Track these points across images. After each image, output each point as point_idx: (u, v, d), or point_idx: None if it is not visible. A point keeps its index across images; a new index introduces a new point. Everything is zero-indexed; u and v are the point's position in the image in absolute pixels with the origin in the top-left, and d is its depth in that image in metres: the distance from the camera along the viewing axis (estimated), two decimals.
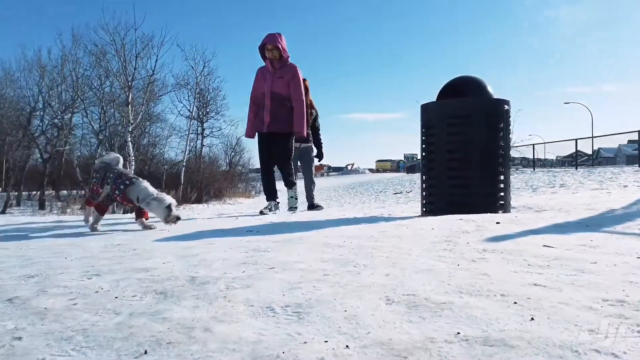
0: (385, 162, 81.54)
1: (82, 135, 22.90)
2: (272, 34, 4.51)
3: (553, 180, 9.11)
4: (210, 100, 24.58)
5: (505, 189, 3.57)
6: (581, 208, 3.56)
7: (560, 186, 7.03)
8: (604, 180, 7.51)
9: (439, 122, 3.64)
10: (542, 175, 13.20)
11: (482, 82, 3.77)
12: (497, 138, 3.55)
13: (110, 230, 3.09)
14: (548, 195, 5.69)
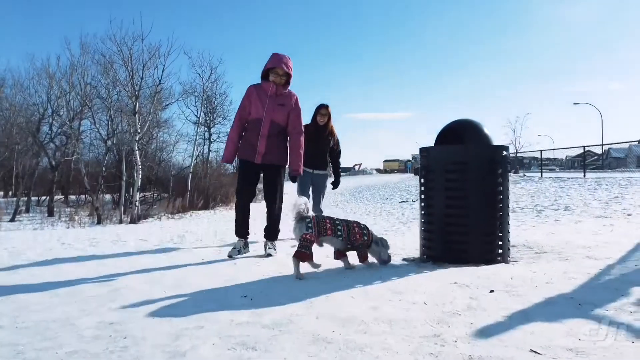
0: (393, 162, 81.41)
1: (91, 141, 23.17)
2: (283, 57, 4.14)
3: (559, 198, 9.03)
4: (217, 106, 24.73)
5: (504, 237, 3.56)
6: (580, 254, 3.54)
7: (564, 209, 6.97)
8: (609, 202, 7.44)
9: (438, 168, 3.64)
10: (549, 186, 13.10)
11: (479, 126, 3.77)
12: (495, 185, 3.55)
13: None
14: (551, 224, 5.65)
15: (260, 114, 4.14)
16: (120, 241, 6.22)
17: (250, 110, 4.20)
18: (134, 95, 16.20)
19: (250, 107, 4.20)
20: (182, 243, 5.75)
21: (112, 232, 9.31)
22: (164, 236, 6.90)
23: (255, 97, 4.17)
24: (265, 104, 4.14)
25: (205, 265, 3.72)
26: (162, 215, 17.95)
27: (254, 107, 4.17)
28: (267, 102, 4.14)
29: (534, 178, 18.47)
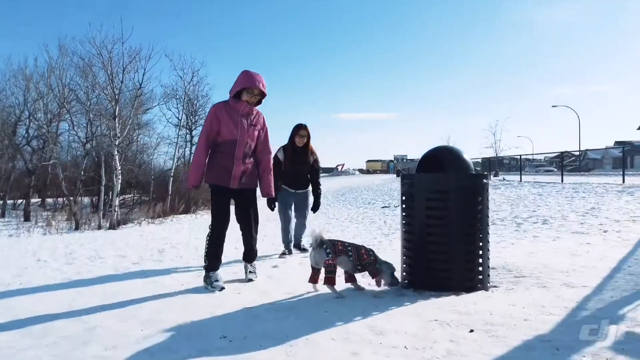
0: (376, 163, 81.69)
1: (69, 144, 22.76)
2: (257, 75, 3.90)
3: (537, 208, 9.17)
4: (199, 108, 24.51)
5: (484, 263, 3.58)
6: (558, 281, 3.59)
7: (543, 222, 7.07)
8: (586, 214, 7.57)
9: (418, 195, 3.65)
10: (528, 193, 13.29)
11: (459, 154, 3.80)
12: (475, 213, 3.57)
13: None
14: (529, 240, 5.72)
15: (235, 135, 3.87)
16: (99, 258, 6.11)
17: (221, 131, 3.88)
18: (114, 99, 15.95)
19: (220, 127, 3.87)
20: (162, 261, 5.66)
21: (91, 242, 9.14)
22: (143, 251, 6.79)
23: (227, 117, 3.86)
24: (239, 125, 3.89)
25: (184, 295, 3.66)
26: (143, 220, 17.71)
27: (226, 127, 3.87)
28: (240, 123, 3.89)
29: (513, 182, 18.72)
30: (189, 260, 5.64)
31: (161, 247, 7.41)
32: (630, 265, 3.95)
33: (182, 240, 8.84)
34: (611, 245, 4.93)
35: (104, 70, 15.96)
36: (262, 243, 6.77)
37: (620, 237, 5.40)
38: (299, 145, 5.43)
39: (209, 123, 3.91)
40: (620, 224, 6.28)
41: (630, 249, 4.71)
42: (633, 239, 5.16)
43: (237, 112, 3.89)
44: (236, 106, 3.90)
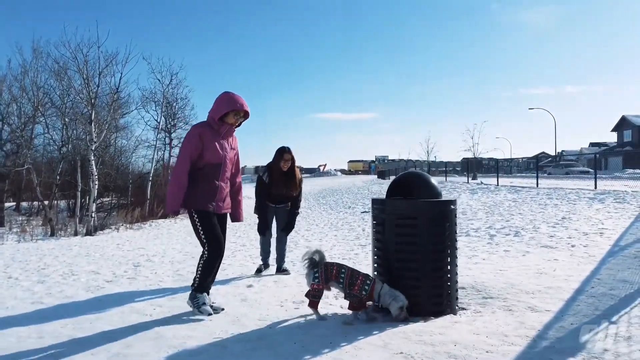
0: (358, 163, 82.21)
1: (44, 147, 22.35)
2: (239, 97, 3.80)
3: (511, 217, 9.35)
4: (178, 111, 24.34)
5: (452, 287, 3.67)
6: (523, 304, 3.70)
7: (515, 234, 7.22)
8: (557, 225, 7.76)
9: (388, 220, 3.71)
10: (504, 199, 13.52)
11: (428, 179, 3.89)
12: (443, 238, 3.65)
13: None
14: (500, 255, 5.85)
15: (219, 158, 3.78)
16: (72, 274, 6.04)
17: (204, 154, 3.73)
18: (90, 104, 15.73)
19: (204, 149, 3.72)
20: (136, 278, 5.62)
21: (65, 252, 9.00)
22: (118, 266, 6.73)
23: (211, 139, 3.73)
24: (223, 147, 3.82)
25: (156, 323, 3.64)
26: (121, 226, 17.50)
27: (210, 150, 3.72)
28: (224, 145, 3.83)
29: (490, 187, 19.02)
30: (164, 278, 5.62)
31: (137, 260, 7.36)
32: (593, 286, 4.08)
33: (159, 251, 8.79)
34: (577, 262, 5.07)
35: (80, 74, 15.73)
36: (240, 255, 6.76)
37: (587, 252, 5.56)
38: (284, 170, 5.42)
39: (192, 145, 3.71)
40: (588, 237, 6.46)
41: (594, 266, 4.86)
42: (598, 255, 5.32)
43: (220, 134, 3.80)
44: (221, 128, 3.80)
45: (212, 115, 3.80)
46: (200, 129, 3.76)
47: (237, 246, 9.09)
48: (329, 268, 3.60)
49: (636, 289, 3.87)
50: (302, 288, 4.68)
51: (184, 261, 7.07)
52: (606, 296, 3.73)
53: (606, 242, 5.99)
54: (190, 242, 10.87)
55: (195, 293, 3.85)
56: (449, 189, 20.32)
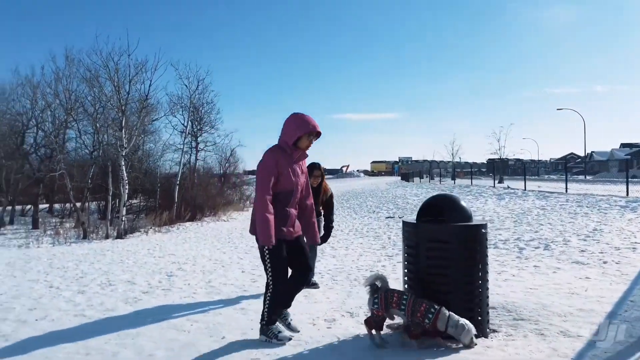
0: (381, 164, 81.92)
1: (75, 150, 23.00)
2: (311, 118, 3.68)
3: (540, 227, 9.26)
4: (204, 115, 24.72)
5: (482, 311, 3.71)
6: (555, 327, 3.71)
7: (544, 248, 7.17)
8: (587, 238, 7.67)
9: (420, 244, 3.77)
10: (532, 206, 13.35)
11: (458, 202, 3.93)
12: (474, 261, 3.69)
13: None
14: (530, 272, 5.82)
15: (292, 184, 3.65)
16: (109, 284, 6.26)
17: (280, 181, 3.60)
18: (120, 110, 16.15)
19: (280, 176, 3.60)
20: (171, 290, 5.81)
21: (100, 258, 9.29)
22: (152, 275, 6.94)
23: (285, 165, 3.61)
24: (296, 173, 3.71)
25: (193, 340, 3.78)
26: (149, 229, 17.91)
27: (285, 176, 3.61)
28: (295, 169, 3.71)
29: (517, 192, 18.80)
30: (197, 289, 5.79)
31: (169, 269, 7.57)
32: (626, 309, 4.05)
33: (189, 258, 8.99)
34: (609, 281, 5.03)
35: (111, 81, 16.17)
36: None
37: (619, 270, 5.50)
38: (314, 186, 5.32)
39: (270, 170, 3.56)
40: (620, 252, 6.38)
41: (627, 286, 4.81)
42: (631, 274, 5.26)
43: (293, 159, 3.68)
44: (294, 153, 3.67)
45: (285, 139, 3.65)
46: (276, 155, 3.61)
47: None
48: (389, 295, 3.52)
49: None
50: (332, 304, 4.78)
51: (214, 271, 7.24)
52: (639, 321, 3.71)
53: (639, 259, 5.91)
54: (218, 248, 11.09)
55: (267, 326, 3.71)
56: (475, 193, 20.16)
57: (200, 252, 10.13)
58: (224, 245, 11.79)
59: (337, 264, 7.48)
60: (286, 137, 3.65)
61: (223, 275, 6.79)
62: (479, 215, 12.77)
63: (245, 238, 13.35)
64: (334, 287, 5.71)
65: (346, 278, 6.20)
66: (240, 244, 11.92)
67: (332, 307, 4.69)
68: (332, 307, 4.71)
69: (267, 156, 3.62)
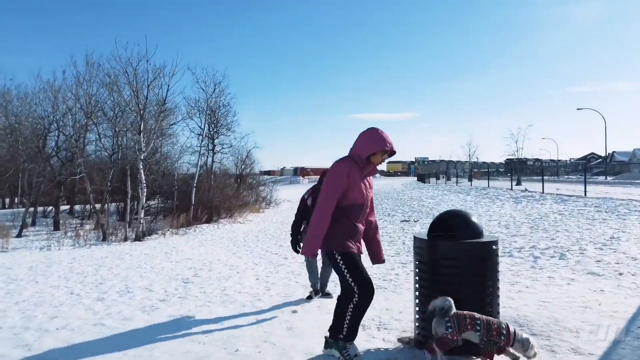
0: (397, 164, 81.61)
1: (95, 154, 23.44)
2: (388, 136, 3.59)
3: (556, 235, 9.17)
4: (221, 117, 24.96)
5: None
6: (567, 344, 3.71)
7: (560, 257, 7.12)
8: (604, 247, 7.59)
9: (431, 260, 3.81)
10: (549, 211, 13.21)
11: (469, 218, 3.95)
12: (485, 278, 3.72)
13: None
14: (544, 282, 5.79)
15: (362, 199, 3.56)
16: (127, 292, 6.41)
17: (350, 194, 3.49)
18: (139, 115, 16.43)
19: (349, 188, 3.48)
20: (187, 298, 5.93)
21: (118, 263, 9.48)
22: (169, 281, 7.08)
23: (357, 177, 3.51)
24: (367, 188, 3.64)
25: (209, 357, 3.88)
26: (167, 231, 18.17)
27: (355, 190, 3.50)
28: (367, 185, 3.65)
29: (535, 195, 18.59)
30: (212, 298, 5.89)
31: (185, 275, 7.70)
32: (639, 326, 4.03)
33: (206, 264, 9.12)
34: (624, 295, 4.99)
35: (129, 86, 16.46)
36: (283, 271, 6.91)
37: (634, 282, 5.45)
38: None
39: (340, 181, 3.45)
40: (637, 263, 6.30)
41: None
42: None
43: (364, 173, 3.58)
44: (366, 167, 3.56)
45: (358, 152, 3.53)
46: (349, 166, 3.48)
47: (279, 259, 9.31)
48: (461, 317, 3.42)
49: None
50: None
51: (229, 277, 7.35)
52: None
53: None
54: (233, 252, 11.21)
55: (344, 343, 3.54)
56: (492, 196, 19.99)
57: (216, 257, 10.26)
58: (239, 249, 11.92)
59: None
60: (360, 150, 3.52)
61: (238, 282, 6.89)
62: (495, 220, 12.69)
63: (261, 242, 13.48)
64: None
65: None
66: (255, 247, 12.03)
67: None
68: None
69: (341, 166, 3.49)
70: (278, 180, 62.70)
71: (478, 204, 17.49)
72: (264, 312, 5.13)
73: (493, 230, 10.95)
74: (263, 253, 10.66)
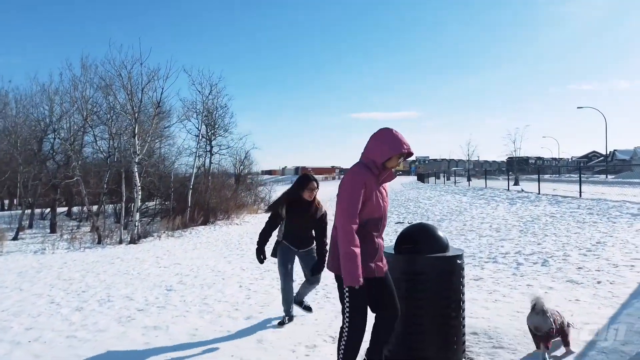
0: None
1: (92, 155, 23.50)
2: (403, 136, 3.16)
3: (544, 239, 9.15)
4: (218, 118, 24.99)
5: (458, 340, 3.73)
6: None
7: (542, 264, 7.09)
8: (588, 252, 7.56)
9: (396, 274, 3.80)
10: (542, 213, 13.18)
11: (434, 232, 3.94)
12: (450, 292, 3.71)
13: None
14: (523, 290, 5.78)
15: (381, 211, 3.17)
16: (108, 300, 6.43)
17: (367, 207, 3.07)
18: (134, 118, 16.45)
19: (367, 201, 3.06)
20: (165, 307, 5.94)
21: (107, 268, 9.51)
22: (151, 289, 7.10)
23: (373, 187, 3.09)
24: (384, 198, 3.23)
25: None
26: (163, 233, 18.20)
27: (374, 201, 3.09)
28: (384, 195, 3.24)
29: (530, 196, 18.53)
30: (191, 307, 5.90)
31: (170, 282, 7.71)
32: (606, 338, 4.02)
33: (193, 269, 9.14)
34: (598, 305, 4.97)
35: (124, 90, 16.49)
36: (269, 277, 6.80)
37: (611, 291, 5.43)
38: (310, 200, 4.82)
39: (357, 193, 3.02)
40: (618, 271, 6.28)
41: (615, 310, 4.76)
42: (622, 296, 5.18)
43: (379, 181, 3.16)
44: (382, 174, 3.15)
45: (372, 158, 3.12)
46: (364, 174, 3.08)
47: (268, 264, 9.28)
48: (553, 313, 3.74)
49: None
50: (318, 327, 4.83)
51: (213, 285, 7.35)
52: (616, 353, 3.68)
53: (634, 279, 5.81)
54: (224, 256, 11.22)
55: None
56: (488, 197, 19.94)
57: (206, 262, 10.27)
58: (231, 253, 11.94)
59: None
60: (374, 155, 3.11)
61: (220, 290, 6.90)
62: (487, 223, 12.67)
63: (255, 244, 13.49)
64: (325, 305, 5.77)
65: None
66: (247, 251, 12.04)
67: (317, 330, 4.74)
68: (317, 330, 4.77)
69: (356, 175, 3.07)
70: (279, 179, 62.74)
71: (473, 205, 17.46)
72: (239, 323, 5.14)
73: (484, 233, 10.94)
74: (254, 257, 10.61)
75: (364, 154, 3.17)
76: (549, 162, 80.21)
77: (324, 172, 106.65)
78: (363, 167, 3.11)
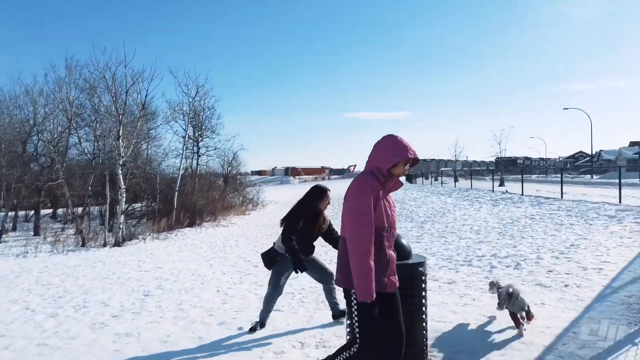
0: None
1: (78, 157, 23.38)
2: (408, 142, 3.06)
3: (520, 241, 9.30)
4: (205, 120, 24.97)
5: (419, 346, 3.82)
6: None
7: (515, 267, 7.23)
8: (561, 255, 7.69)
9: None
10: (523, 214, 13.35)
11: (398, 239, 4.01)
12: (413, 299, 3.80)
13: None
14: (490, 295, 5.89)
15: (389, 219, 3.00)
16: (84, 306, 6.45)
17: (377, 215, 2.89)
18: (118, 120, 16.42)
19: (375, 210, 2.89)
20: (140, 313, 5.97)
21: (87, 272, 9.51)
22: (129, 294, 7.12)
23: (380, 196, 2.94)
24: (392, 207, 3.08)
25: None
26: (148, 236, 18.17)
27: (384, 211, 2.95)
28: (391, 203, 3.10)
29: (514, 197, 18.74)
30: (165, 313, 5.93)
31: (148, 286, 7.74)
32: (565, 342, 4.12)
33: (173, 273, 9.16)
34: (562, 309, 5.08)
35: (108, 92, 16.45)
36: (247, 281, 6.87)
37: (577, 294, 5.55)
38: (324, 210, 4.98)
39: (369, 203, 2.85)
40: (586, 274, 6.41)
41: (578, 313, 4.87)
42: (587, 299, 5.30)
43: (385, 189, 3.02)
44: (388, 181, 3.02)
45: (378, 165, 3.00)
46: (371, 180, 2.94)
47: (249, 267, 9.36)
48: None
49: (605, 349, 3.90)
50: (288, 333, 4.89)
51: (191, 289, 7.39)
52: (573, 357, 3.79)
53: (601, 282, 5.95)
54: (207, 259, 11.24)
55: None
56: (472, 198, 20.14)
57: (187, 265, 10.29)
58: (215, 255, 11.96)
59: (313, 282, 7.56)
60: (380, 163, 2.99)
61: (197, 295, 6.94)
62: (468, 225, 12.82)
63: (240, 247, 13.51)
64: (299, 310, 5.81)
65: (315, 300, 6.26)
66: (231, 254, 12.07)
67: (287, 336, 4.80)
68: (288, 335, 4.83)
69: (363, 182, 2.93)
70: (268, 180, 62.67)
71: (457, 207, 17.64)
72: (211, 329, 5.18)
73: (464, 235, 11.08)
74: (236, 260, 10.71)
75: (369, 162, 3.08)
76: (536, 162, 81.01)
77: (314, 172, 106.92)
78: (370, 175, 2.98)
